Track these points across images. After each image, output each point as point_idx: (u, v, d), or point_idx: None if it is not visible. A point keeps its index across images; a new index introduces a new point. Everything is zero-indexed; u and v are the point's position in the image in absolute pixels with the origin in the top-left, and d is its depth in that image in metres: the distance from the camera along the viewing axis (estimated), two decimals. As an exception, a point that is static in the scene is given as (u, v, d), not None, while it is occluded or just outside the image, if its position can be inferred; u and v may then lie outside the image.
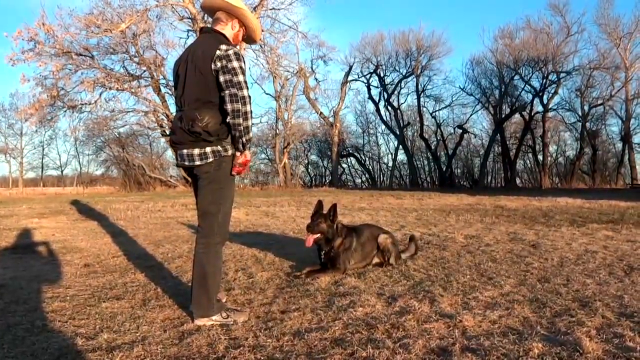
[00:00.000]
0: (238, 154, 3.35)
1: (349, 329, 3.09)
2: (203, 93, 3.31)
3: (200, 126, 3.22)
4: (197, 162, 3.34)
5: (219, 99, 3.30)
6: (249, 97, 3.28)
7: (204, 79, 3.29)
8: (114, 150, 34.62)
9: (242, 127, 3.26)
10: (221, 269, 3.58)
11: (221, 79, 3.25)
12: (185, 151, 3.37)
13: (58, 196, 23.85)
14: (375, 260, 5.05)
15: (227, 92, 3.24)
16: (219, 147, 3.32)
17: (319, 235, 4.64)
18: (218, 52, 3.26)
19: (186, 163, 3.39)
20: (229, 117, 3.26)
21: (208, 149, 3.31)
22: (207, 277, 3.37)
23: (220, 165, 3.35)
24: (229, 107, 3.23)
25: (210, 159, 3.32)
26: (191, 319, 3.40)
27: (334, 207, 4.72)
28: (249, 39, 3.77)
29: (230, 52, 3.27)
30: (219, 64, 3.25)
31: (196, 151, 3.33)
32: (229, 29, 3.56)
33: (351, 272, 4.74)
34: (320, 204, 4.78)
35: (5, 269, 5.34)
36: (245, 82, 3.29)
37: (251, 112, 3.30)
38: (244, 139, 3.29)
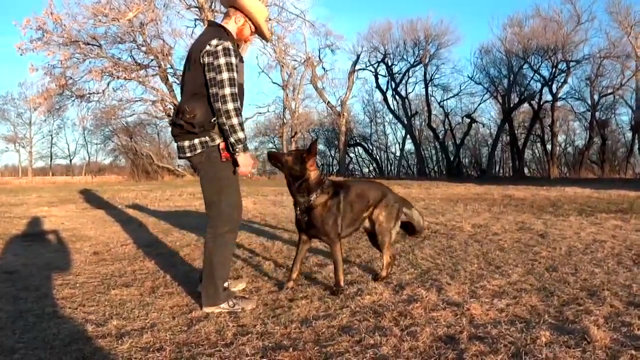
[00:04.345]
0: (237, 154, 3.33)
1: (357, 317, 3.10)
2: (195, 86, 3.35)
3: (186, 118, 3.27)
4: (188, 154, 3.40)
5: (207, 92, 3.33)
6: (232, 95, 3.23)
7: (196, 72, 3.33)
8: (122, 139, 34.76)
9: (226, 126, 3.25)
10: (230, 258, 3.59)
11: (207, 76, 3.28)
12: (178, 144, 3.44)
13: (67, 185, 24.01)
14: (366, 224, 4.11)
15: (210, 91, 3.28)
16: (207, 138, 3.34)
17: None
18: (208, 47, 3.28)
19: (180, 155, 3.47)
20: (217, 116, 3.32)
21: (196, 141, 3.35)
22: (214, 267, 3.39)
23: (210, 155, 3.37)
24: (214, 106, 3.28)
25: (199, 150, 3.36)
26: (200, 306, 3.42)
27: (312, 143, 3.75)
28: (260, 34, 3.76)
29: (219, 47, 3.25)
30: (206, 60, 3.28)
31: (186, 143, 3.38)
32: (233, 22, 3.55)
33: (355, 258, 4.74)
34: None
35: (16, 256, 5.40)
36: (230, 79, 3.23)
37: (235, 109, 3.23)
38: (231, 139, 3.27)
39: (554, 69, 32.74)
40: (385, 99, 37.76)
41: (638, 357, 2.41)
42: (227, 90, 3.22)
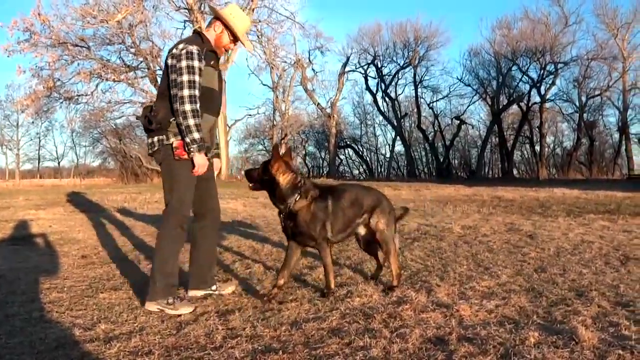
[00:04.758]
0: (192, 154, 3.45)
1: (346, 319, 3.10)
2: (163, 86, 3.55)
3: (149, 116, 3.46)
4: (150, 151, 3.61)
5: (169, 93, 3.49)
6: (190, 96, 3.36)
7: (165, 73, 3.54)
8: (110, 141, 34.59)
9: (183, 126, 3.39)
10: (176, 256, 3.59)
11: (170, 77, 3.45)
12: (147, 141, 3.66)
13: (55, 188, 23.80)
14: (361, 230, 3.93)
15: (171, 92, 3.43)
16: (163, 136, 3.49)
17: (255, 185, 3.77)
18: (174, 50, 3.48)
19: (148, 152, 3.69)
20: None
21: (155, 138, 3.52)
22: (156, 261, 3.51)
23: (166, 153, 3.50)
24: (173, 106, 3.42)
25: (156, 148, 3.53)
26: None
27: (273, 149, 3.72)
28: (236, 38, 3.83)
29: (183, 51, 3.42)
30: (169, 62, 3.47)
31: (149, 140, 3.57)
32: (212, 31, 3.71)
33: (345, 260, 4.73)
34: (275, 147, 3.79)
35: (3, 260, 5.34)
36: (190, 81, 3.38)
37: (192, 111, 3.36)
38: (187, 139, 3.40)
39: (542, 71, 33.04)
40: (375, 101, 37.90)
41: (625, 357, 2.43)
42: (186, 92, 3.36)
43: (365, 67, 36.86)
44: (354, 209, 3.78)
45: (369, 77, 37.39)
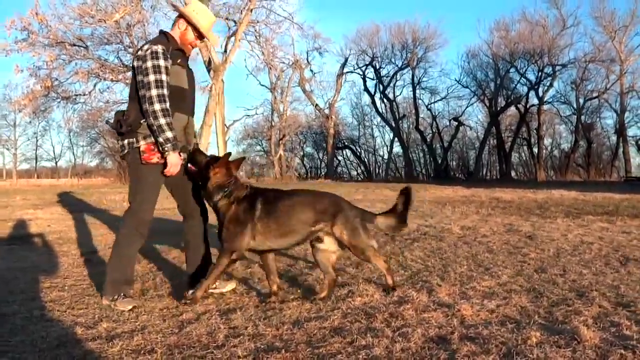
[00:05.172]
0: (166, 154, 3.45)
1: (348, 318, 3.10)
2: (132, 89, 3.57)
3: (121, 119, 3.50)
4: (121, 154, 3.65)
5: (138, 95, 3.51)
6: (158, 96, 3.37)
7: (132, 77, 3.56)
8: (108, 141, 34.52)
9: (154, 126, 3.38)
10: (131, 258, 3.66)
11: (137, 79, 3.46)
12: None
13: (52, 188, 23.76)
14: (330, 245, 3.63)
15: (140, 93, 3.44)
16: (132, 139, 3.51)
17: (192, 167, 3.61)
18: (140, 51, 3.51)
19: (120, 154, 3.72)
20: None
21: (125, 141, 3.55)
22: (110, 258, 3.63)
23: (135, 156, 3.51)
24: (142, 107, 3.43)
25: (126, 150, 3.54)
26: (190, 310, 3.41)
27: (226, 155, 3.63)
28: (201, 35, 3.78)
29: (148, 52, 3.43)
30: (136, 63, 3.50)
31: (120, 143, 3.61)
32: (176, 29, 3.71)
33: (345, 260, 4.74)
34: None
35: (2, 259, 5.33)
36: (157, 81, 3.38)
37: (162, 110, 3.37)
38: (160, 139, 3.39)
39: (540, 73, 33.08)
40: (373, 102, 37.91)
41: (627, 356, 2.43)
42: (154, 92, 3.36)
43: (364, 68, 36.91)
44: (298, 215, 3.51)
45: (367, 79, 37.46)
